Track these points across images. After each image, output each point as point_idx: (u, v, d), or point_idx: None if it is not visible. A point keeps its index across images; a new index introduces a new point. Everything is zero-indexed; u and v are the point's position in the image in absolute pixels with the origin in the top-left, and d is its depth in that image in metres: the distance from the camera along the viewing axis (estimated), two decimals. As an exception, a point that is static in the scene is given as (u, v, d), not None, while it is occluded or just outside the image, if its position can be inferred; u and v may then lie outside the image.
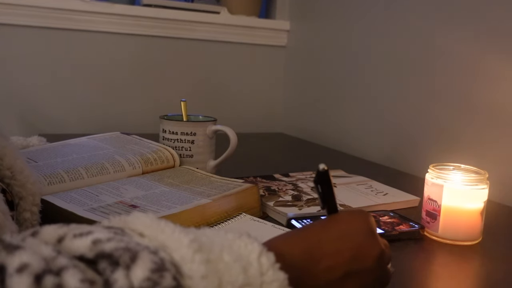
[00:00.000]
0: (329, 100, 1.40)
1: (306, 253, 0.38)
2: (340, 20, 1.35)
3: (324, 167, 0.40)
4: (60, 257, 0.26)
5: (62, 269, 0.25)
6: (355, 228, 0.41)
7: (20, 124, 1.30)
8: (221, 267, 0.30)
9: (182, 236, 0.30)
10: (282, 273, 0.33)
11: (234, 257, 0.31)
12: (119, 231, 0.30)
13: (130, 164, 0.77)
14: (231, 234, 0.34)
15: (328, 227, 0.41)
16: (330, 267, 0.38)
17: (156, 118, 0.91)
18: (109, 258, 0.27)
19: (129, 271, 0.26)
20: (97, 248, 0.28)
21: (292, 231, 0.42)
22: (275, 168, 0.96)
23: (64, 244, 0.28)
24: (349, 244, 0.39)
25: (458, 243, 0.64)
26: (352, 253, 0.39)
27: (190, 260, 0.29)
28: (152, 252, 0.28)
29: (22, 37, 1.28)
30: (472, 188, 0.64)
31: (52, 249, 0.26)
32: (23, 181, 0.49)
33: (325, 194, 0.42)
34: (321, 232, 0.40)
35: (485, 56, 0.93)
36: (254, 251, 0.33)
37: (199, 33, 1.46)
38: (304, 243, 0.39)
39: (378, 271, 0.41)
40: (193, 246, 0.30)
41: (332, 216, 0.42)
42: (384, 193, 0.83)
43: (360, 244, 0.40)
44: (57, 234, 0.29)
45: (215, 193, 0.68)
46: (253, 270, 0.31)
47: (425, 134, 1.07)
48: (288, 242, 0.39)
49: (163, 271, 0.27)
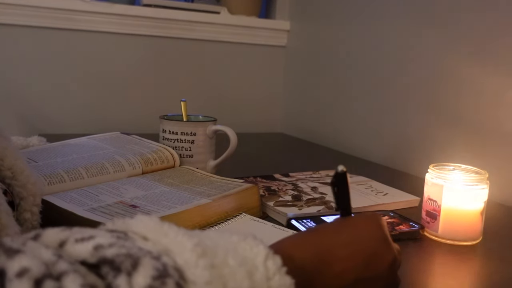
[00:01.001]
0: (329, 100, 1.40)
1: (318, 257, 0.37)
2: (340, 20, 1.35)
3: (343, 168, 0.40)
4: (60, 262, 0.25)
5: (62, 274, 0.25)
6: (369, 234, 0.40)
7: (20, 124, 1.30)
8: (226, 272, 0.29)
9: (186, 239, 0.30)
10: (289, 277, 0.32)
11: (239, 261, 0.30)
12: (122, 235, 0.30)
13: (130, 164, 0.77)
14: (236, 236, 0.33)
15: (341, 231, 0.40)
16: (342, 272, 0.37)
17: (156, 118, 0.91)
18: (111, 264, 0.27)
19: (131, 278, 0.26)
20: (98, 254, 0.27)
21: (302, 233, 0.41)
22: (275, 168, 0.96)
23: (65, 249, 0.28)
24: (362, 250, 0.39)
25: (458, 243, 0.64)
26: (365, 259, 0.38)
27: (193, 265, 0.28)
28: (155, 257, 0.27)
29: (22, 37, 1.28)
30: (472, 188, 0.64)
31: (53, 253, 0.26)
32: (23, 182, 0.49)
33: (341, 196, 0.41)
34: (333, 236, 0.39)
35: (485, 56, 0.93)
36: (260, 254, 0.32)
37: (199, 33, 1.46)
38: (316, 247, 0.38)
39: (389, 277, 0.41)
40: (197, 250, 0.29)
41: (346, 219, 0.41)
42: (384, 193, 0.83)
43: (373, 250, 0.39)
44: (59, 238, 0.29)
45: (215, 193, 0.68)
46: (259, 275, 0.31)
47: (425, 134, 1.07)
48: (299, 244, 0.38)
49: (165, 278, 0.26)
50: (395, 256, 0.41)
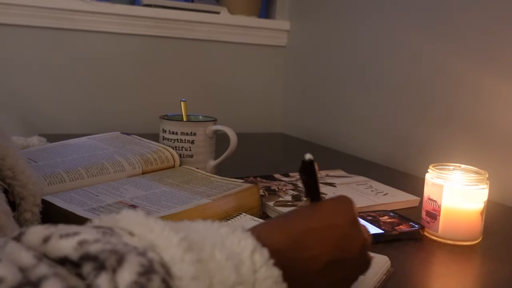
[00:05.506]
0: (329, 100, 1.40)
1: (292, 241, 0.37)
2: (340, 20, 1.35)
3: (310, 157, 0.41)
4: (40, 265, 0.25)
5: (41, 279, 0.24)
6: (340, 217, 0.41)
7: (20, 124, 1.30)
8: (212, 266, 0.29)
9: (172, 234, 0.30)
10: (276, 269, 0.32)
11: (226, 255, 0.31)
12: (108, 231, 0.29)
13: (130, 164, 0.77)
14: (224, 229, 0.33)
15: (312, 216, 0.40)
16: (316, 255, 0.37)
17: (156, 118, 0.91)
18: (94, 261, 0.26)
19: (115, 275, 0.26)
20: (82, 249, 0.27)
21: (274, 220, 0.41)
22: (275, 168, 0.96)
23: (49, 244, 0.28)
24: (334, 233, 0.39)
25: (458, 243, 0.64)
26: (338, 241, 0.39)
27: (180, 260, 0.28)
28: (141, 253, 0.27)
29: (22, 37, 1.28)
30: (472, 188, 0.64)
31: (33, 256, 0.26)
32: (24, 182, 0.49)
33: (310, 183, 0.42)
34: (306, 221, 0.39)
35: (485, 57, 0.93)
36: (247, 247, 0.32)
37: (199, 33, 1.46)
38: (289, 232, 0.38)
39: (361, 258, 0.41)
40: (183, 245, 0.29)
41: (316, 204, 0.42)
42: (384, 193, 0.84)
43: (344, 233, 0.40)
44: (43, 234, 0.28)
45: (215, 193, 0.68)
46: (245, 269, 0.31)
47: (425, 134, 1.07)
48: (272, 230, 0.38)
49: (151, 274, 0.26)
50: (365, 237, 0.42)
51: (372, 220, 0.67)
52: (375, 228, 0.64)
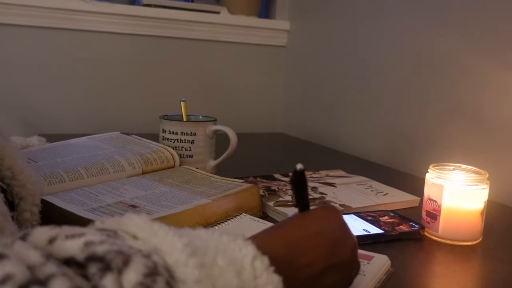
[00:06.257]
0: (329, 100, 1.40)
1: (287, 250, 0.38)
2: (340, 20, 1.35)
3: (302, 167, 0.42)
4: (48, 264, 0.25)
5: (49, 277, 0.24)
6: (330, 223, 0.43)
7: (20, 124, 1.30)
8: (215, 271, 0.30)
9: (176, 239, 0.30)
10: (276, 276, 0.33)
11: (228, 261, 0.31)
12: (112, 234, 0.30)
13: (130, 164, 0.77)
14: (226, 237, 0.34)
15: (305, 224, 0.42)
16: (311, 262, 0.39)
17: (156, 118, 0.91)
18: (100, 261, 0.26)
19: (121, 275, 0.26)
20: (89, 250, 0.27)
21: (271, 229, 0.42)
22: (275, 168, 0.96)
23: (55, 244, 0.28)
24: (326, 239, 0.41)
25: (458, 243, 0.64)
26: (330, 246, 0.40)
27: (183, 264, 0.29)
28: (145, 255, 0.28)
29: (22, 37, 1.28)
30: (472, 188, 0.64)
31: (41, 255, 0.26)
32: (23, 182, 0.49)
33: (300, 192, 0.44)
34: (299, 229, 0.41)
35: (485, 57, 0.93)
36: (248, 255, 0.33)
37: (199, 33, 1.46)
38: (284, 240, 0.39)
39: (353, 262, 0.43)
40: (187, 250, 0.29)
41: (307, 213, 0.44)
42: (384, 193, 0.83)
43: (336, 237, 0.41)
44: (49, 235, 0.28)
45: (215, 193, 0.68)
46: (247, 274, 0.32)
47: (425, 134, 1.07)
48: (269, 239, 0.39)
49: (156, 276, 0.26)
50: (355, 240, 0.44)
51: (372, 220, 0.67)
52: (375, 228, 0.64)
